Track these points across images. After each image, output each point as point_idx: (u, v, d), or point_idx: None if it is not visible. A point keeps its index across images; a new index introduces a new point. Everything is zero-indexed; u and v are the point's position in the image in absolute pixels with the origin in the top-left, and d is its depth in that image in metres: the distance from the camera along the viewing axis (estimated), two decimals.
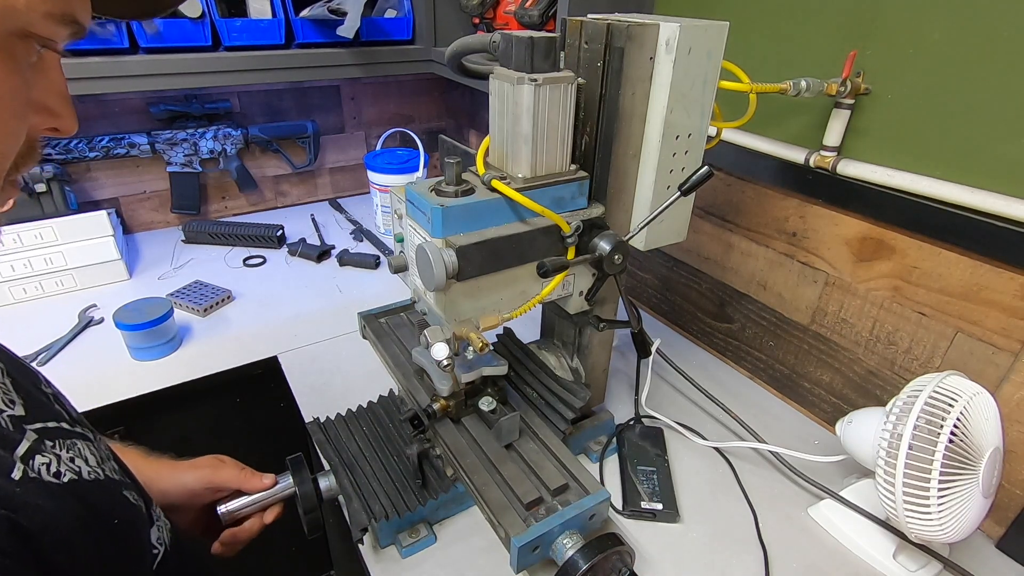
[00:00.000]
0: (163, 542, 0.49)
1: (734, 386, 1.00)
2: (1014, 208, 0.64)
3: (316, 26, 1.31)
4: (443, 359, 0.60)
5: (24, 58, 0.33)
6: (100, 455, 0.45)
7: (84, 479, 0.41)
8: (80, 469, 0.41)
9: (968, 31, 0.66)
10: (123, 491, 0.45)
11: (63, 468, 0.39)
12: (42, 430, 0.40)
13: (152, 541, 0.48)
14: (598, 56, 0.59)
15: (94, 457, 0.43)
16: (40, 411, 0.42)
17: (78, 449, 0.42)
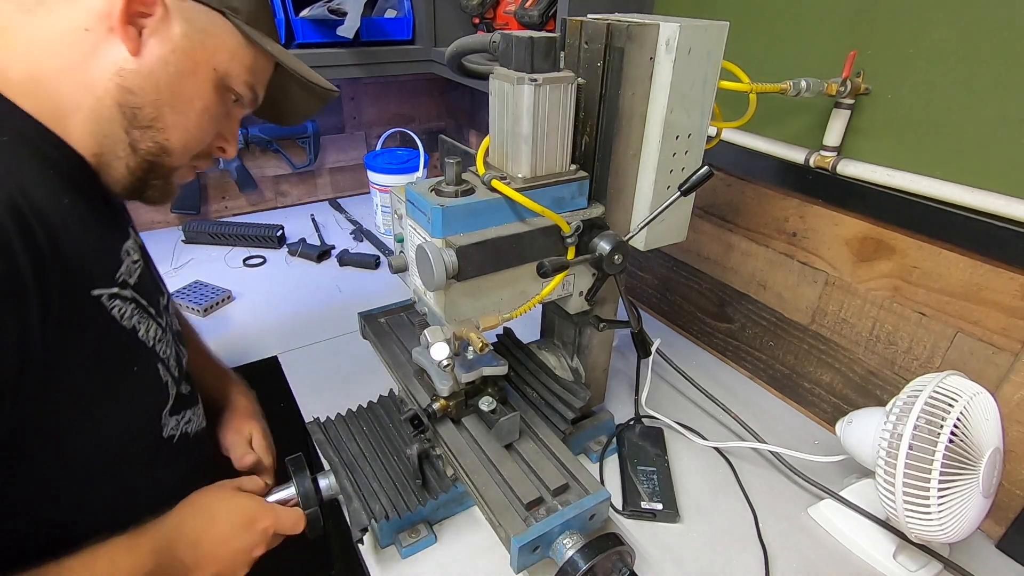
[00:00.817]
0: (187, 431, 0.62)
1: (734, 386, 1.00)
2: (1014, 208, 0.64)
3: (316, 26, 1.31)
4: (443, 359, 0.60)
5: (226, 100, 0.57)
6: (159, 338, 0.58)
7: (136, 334, 0.54)
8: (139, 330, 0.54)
9: (968, 31, 0.66)
10: (158, 364, 0.58)
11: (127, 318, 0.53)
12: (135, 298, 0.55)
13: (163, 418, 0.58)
14: (598, 56, 0.59)
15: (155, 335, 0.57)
16: (144, 293, 0.56)
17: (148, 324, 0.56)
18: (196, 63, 0.52)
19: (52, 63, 0.46)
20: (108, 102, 0.49)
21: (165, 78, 0.50)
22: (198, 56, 0.52)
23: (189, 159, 0.57)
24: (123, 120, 0.50)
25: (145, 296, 0.56)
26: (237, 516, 0.59)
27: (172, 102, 0.51)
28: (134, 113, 0.50)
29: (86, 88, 0.48)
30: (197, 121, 0.54)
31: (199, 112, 0.54)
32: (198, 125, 0.54)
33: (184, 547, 0.55)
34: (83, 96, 0.48)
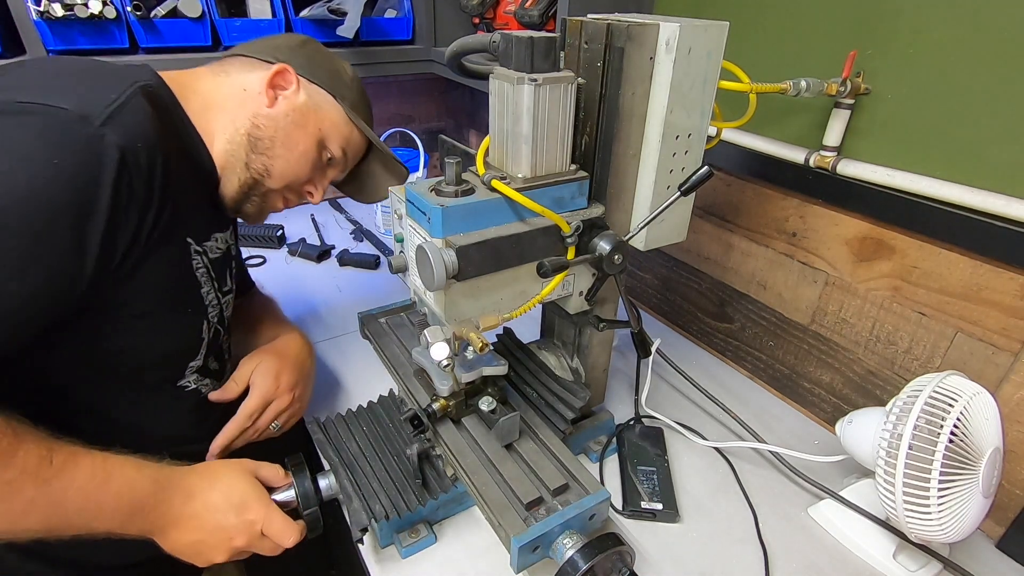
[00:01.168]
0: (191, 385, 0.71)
1: (734, 386, 1.00)
2: (1014, 208, 0.64)
3: (316, 26, 1.31)
4: (443, 359, 0.60)
5: (322, 156, 0.75)
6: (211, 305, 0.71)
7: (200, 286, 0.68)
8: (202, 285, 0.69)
9: (968, 31, 0.66)
10: (203, 320, 0.70)
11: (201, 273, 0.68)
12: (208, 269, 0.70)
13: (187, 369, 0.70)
14: (598, 56, 0.59)
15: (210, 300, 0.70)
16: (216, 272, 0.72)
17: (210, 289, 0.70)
18: (307, 121, 0.72)
19: (219, 104, 0.69)
20: (242, 132, 0.69)
21: (283, 124, 0.70)
22: (309, 117, 0.72)
23: (283, 187, 0.73)
24: (247, 145, 0.69)
25: (216, 272, 0.71)
26: (234, 494, 0.61)
27: (283, 140, 0.70)
28: (256, 142, 0.69)
29: (231, 122, 0.69)
30: (296, 160, 0.72)
31: (299, 154, 0.72)
32: (296, 162, 0.72)
33: (179, 494, 0.59)
34: (228, 127, 0.68)
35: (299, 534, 0.63)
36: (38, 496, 0.49)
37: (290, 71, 0.70)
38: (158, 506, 0.58)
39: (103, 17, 1.09)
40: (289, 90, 0.70)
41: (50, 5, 1.03)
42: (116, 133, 0.51)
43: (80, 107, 0.50)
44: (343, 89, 0.75)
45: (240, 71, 0.70)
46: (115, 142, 0.51)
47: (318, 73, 0.74)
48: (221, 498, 0.61)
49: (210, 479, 0.62)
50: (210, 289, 0.69)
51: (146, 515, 0.57)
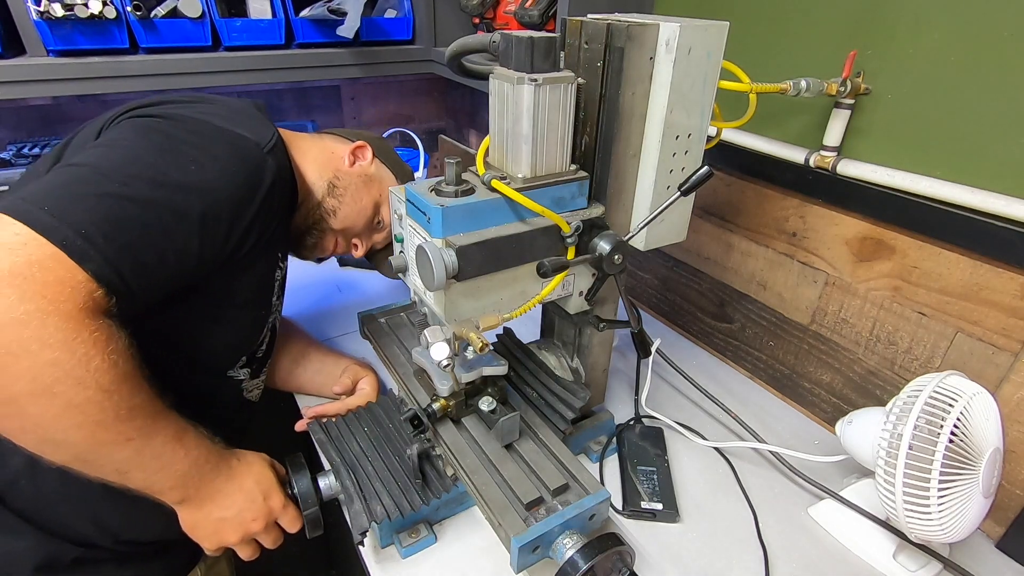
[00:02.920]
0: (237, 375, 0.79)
1: (734, 386, 1.00)
2: (1014, 208, 0.64)
3: (316, 26, 1.31)
4: (443, 359, 0.60)
5: (374, 217, 0.89)
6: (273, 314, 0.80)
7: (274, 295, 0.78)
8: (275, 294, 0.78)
9: (968, 31, 0.66)
10: (265, 324, 0.78)
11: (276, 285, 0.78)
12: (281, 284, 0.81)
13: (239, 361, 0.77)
14: (598, 56, 0.59)
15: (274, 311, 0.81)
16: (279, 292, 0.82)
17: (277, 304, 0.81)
18: (372, 185, 0.88)
19: (313, 157, 0.83)
20: (325, 179, 0.83)
21: (355, 181, 0.86)
22: (374, 183, 0.88)
23: (340, 230, 0.86)
24: (326, 189, 0.83)
25: (283, 284, 0.82)
26: (263, 481, 0.67)
27: (352, 192, 0.85)
28: (333, 187, 0.84)
29: (319, 172, 0.83)
30: (358, 211, 0.86)
31: (361, 208, 0.86)
32: (356, 212, 0.86)
33: (224, 471, 0.64)
34: (315, 173, 0.83)
35: (302, 525, 0.70)
36: (144, 426, 0.55)
37: (368, 147, 0.89)
38: (208, 476, 0.63)
39: (103, 17, 1.09)
40: (365, 161, 0.88)
41: (50, 5, 1.03)
42: (274, 160, 0.66)
43: (254, 137, 0.66)
44: (402, 175, 0.94)
45: (331, 141, 0.89)
46: (272, 167, 0.66)
47: (387, 157, 0.93)
48: (253, 483, 0.66)
49: (247, 464, 0.67)
50: (277, 297, 0.80)
51: (197, 481, 0.62)
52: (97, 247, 0.51)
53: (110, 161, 0.58)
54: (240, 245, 0.64)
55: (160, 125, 0.64)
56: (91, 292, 0.51)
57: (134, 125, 0.64)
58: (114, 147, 0.60)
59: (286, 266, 0.83)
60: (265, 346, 0.82)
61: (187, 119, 0.65)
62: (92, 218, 0.52)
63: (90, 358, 0.50)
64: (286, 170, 0.71)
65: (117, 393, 0.52)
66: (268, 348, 0.83)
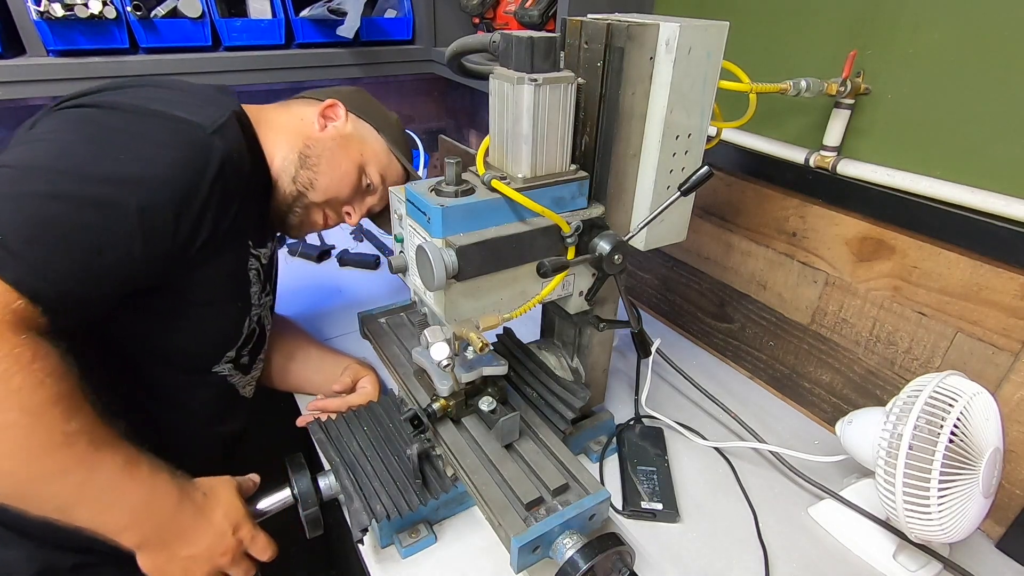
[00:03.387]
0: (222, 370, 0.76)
1: (734, 386, 1.00)
2: (1014, 208, 0.64)
3: (316, 26, 1.31)
4: (443, 359, 0.60)
5: (361, 180, 0.82)
6: (258, 305, 0.78)
7: (251, 286, 0.75)
8: (252, 284, 0.74)
9: (968, 31, 0.66)
10: (247, 316, 0.76)
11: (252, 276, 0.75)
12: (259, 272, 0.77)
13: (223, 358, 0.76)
14: (598, 56, 0.59)
15: (257, 301, 0.77)
16: (264, 278, 0.79)
17: (259, 291, 0.77)
18: (350, 146, 0.80)
19: (280, 129, 0.77)
20: (295, 150, 0.77)
21: (329, 146, 0.79)
22: (352, 143, 0.81)
23: (323, 202, 0.80)
24: (297, 162, 0.77)
25: (264, 276, 0.78)
26: (232, 513, 0.63)
27: (328, 159, 0.78)
28: (305, 159, 0.77)
29: (288, 144, 0.77)
30: (338, 178, 0.79)
31: (342, 174, 0.80)
32: (337, 181, 0.79)
33: (190, 507, 0.60)
34: (284, 147, 0.77)
35: (274, 551, 0.67)
36: (84, 456, 0.50)
37: (339, 105, 0.81)
38: (169, 514, 0.58)
39: (103, 17, 1.09)
40: (338, 121, 0.81)
41: (50, 5, 1.03)
42: (221, 142, 0.61)
43: (197, 118, 0.61)
44: (386, 127, 0.86)
45: (300, 106, 0.81)
46: (220, 148, 0.61)
47: (365, 110, 0.85)
48: (221, 516, 0.62)
49: (215, 497, 0.62)
50: (258, 290, 0.76)
51: (156, 520, 0.57)
52: (16, 253, 0.47)
53: (35, 158, 0.53)
54: (192, 238, 0.59)
55: (92, 115, 0.59)
56: (9, 304, 0.46)
57: (65, 117, 0.59)
58: (40, 142, 0.55)
59: (269, 254, 0.79)
60: (253, 342, 0.79)
61: (121, 106, 0.60)
62: (12, 221, 0.47)
63: (10, 376, 0.45)
64: (241, 150, 0.64)
65: (47, 417, 0.47)
66: (258, 344, 0.81)
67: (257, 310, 0.77)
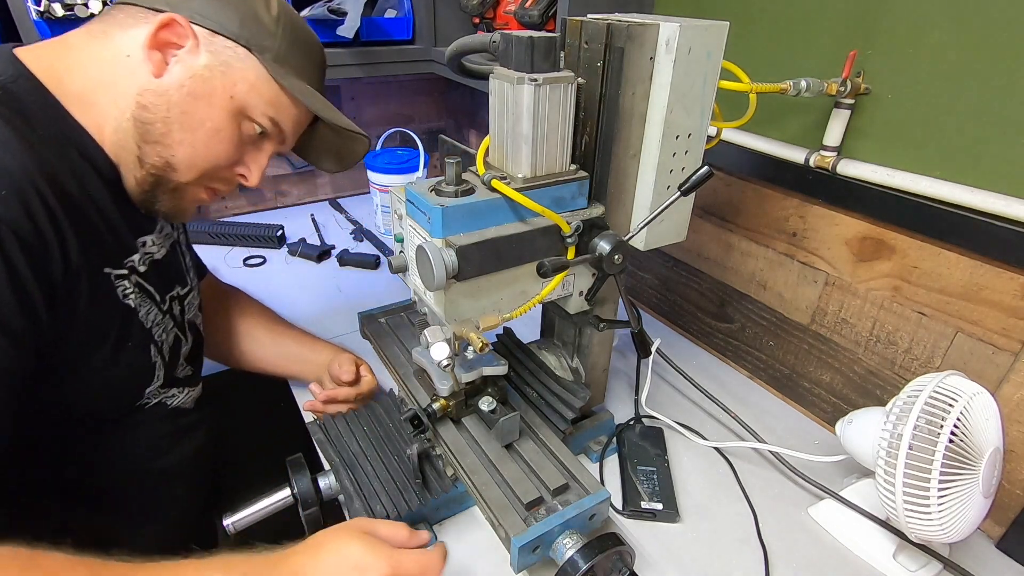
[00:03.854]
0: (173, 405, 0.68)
1: (734, 386, 1.00)
2: (1014, 208, 0.64)
3: (316, 26, 1.31)
4: (443, 359, 0.60)
5: (247, 133, 0.60)
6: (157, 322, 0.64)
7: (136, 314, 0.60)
8: (139, 310, 0.60)
9: (968, 31, 0.66)
10: (151, 344, 0.63)
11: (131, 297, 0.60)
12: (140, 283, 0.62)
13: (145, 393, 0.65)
14: (598, 56, 0.59)
15: (153, 319, 0.63)
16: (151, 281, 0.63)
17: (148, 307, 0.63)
18: (212, 89, 0.56)
19: (100, 80, 0.55)
20: (127, 115, 0.55)
21: (178, 98, 0.55)
22: (215, 84, 0.56)
23: (198, 177, 0.61)
24: (136, 134, 0.56)
25: (153, 283, 0.63)
26: (345, 562, 0.50)
27: (181, 120, 0.56)
28: (146, 129, 0.56)
29: (115, 103, 0.55)
30: (206, 141, 0.58)
31: (208, 133, 0.58)
32: (206, 145, 0.58)
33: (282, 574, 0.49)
34: (112, 110, 0.55)
35: (442, 558, 0.56)
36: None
37: (180, 22, 0.53)
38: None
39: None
40: (183, 49, 0.54)
41: (51, 5, 1.03)
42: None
43: None
44: (263, 36, 0.58)
45: (122, 29, 0.54)
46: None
47: (225, 16, 0.56)
48: (334, 564, 0.50)
49: (315, 551, 0.51)
50: (151, 308, 0.62)
51: None
52: None
53: None
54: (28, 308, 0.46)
55: None
56: None
57: None
58: None
59: (156, 248, 0.64)
60: (186, 353, 0.69)
61: None
62: None
63: None
64: (15, 175, 0.46)
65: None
66: (194, 350, 0.70)
67: (162, 328, 0.64)
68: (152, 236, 0.65)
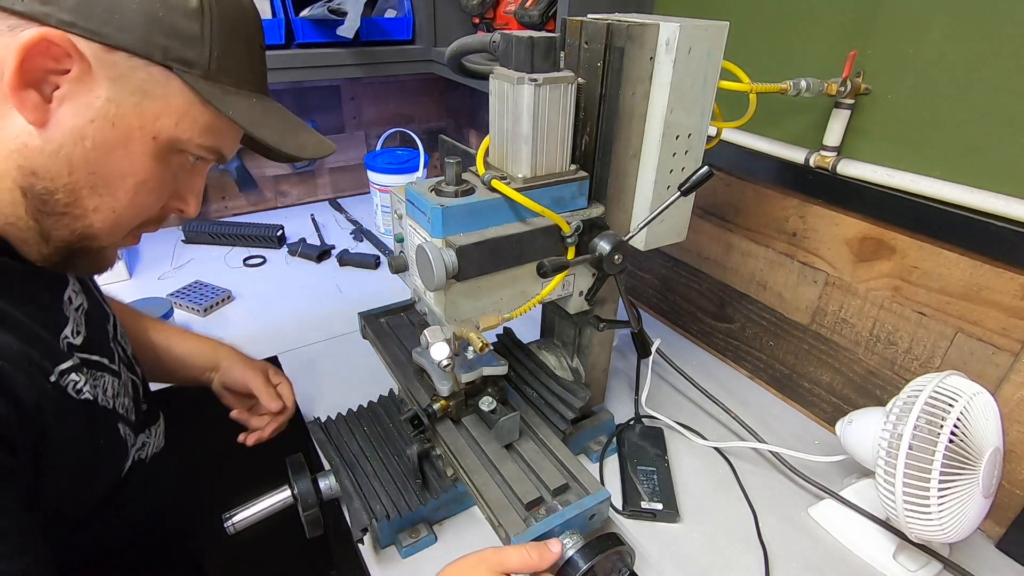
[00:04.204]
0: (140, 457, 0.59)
1: (734, 386, 1.00)
2: (1014, 208, 0.64)
3: (316, 26, 1.31)
4: (443, 359, 0.60)
5: (179, 165, 0.48)
6: (117, 391, 0.55)
7: (97, 403, 0.51)
8: (97, 396, 0.51)
9: (968, 31, 0.66)
10: (119, 423, 0.55)
11: (86, 389, 0.49)
12: (86, 359, 0.51)
13: (121, 466, 0.56)
14: (598, 56, 0.59)
15: (112, 390, 0.54)
16: (94, 345, 0.53)
17: (104, 381, 0.53)
18: (126, 134, 0.42)
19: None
20: (8, 184, 0.40)
21: (81, 155, 0.41)
22: (129, 124, 0.41)
23: (126, 235, 0.49)
24: (29, 207, 0.41)
25: (95, 346, 0.52)
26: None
27: (92, 183, 0.42)
28: (42, 200, 0.41)
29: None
30: (130, 200, 0.45)
31: (132, 189, 0.44)
32: (132, 203, 0.45)
33: None
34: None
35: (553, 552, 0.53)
36: None
37: (55, 40, 0.37)
38: None
39: None
40: (68, 76, 0.39)
41: None
42: None
43: None
44: (185, 45, 0.42)
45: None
46: None
47: (123, 18, 0.39)
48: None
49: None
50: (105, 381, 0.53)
51: None
52: None
53: None
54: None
55: None
56: None
57: None
58: None
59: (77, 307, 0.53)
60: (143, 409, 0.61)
61: None
62: None
63: None
64: None
65: None
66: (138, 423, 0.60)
67: (121, 395, 0.56)
68: (71, 286, 0.53)
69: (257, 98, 0.51)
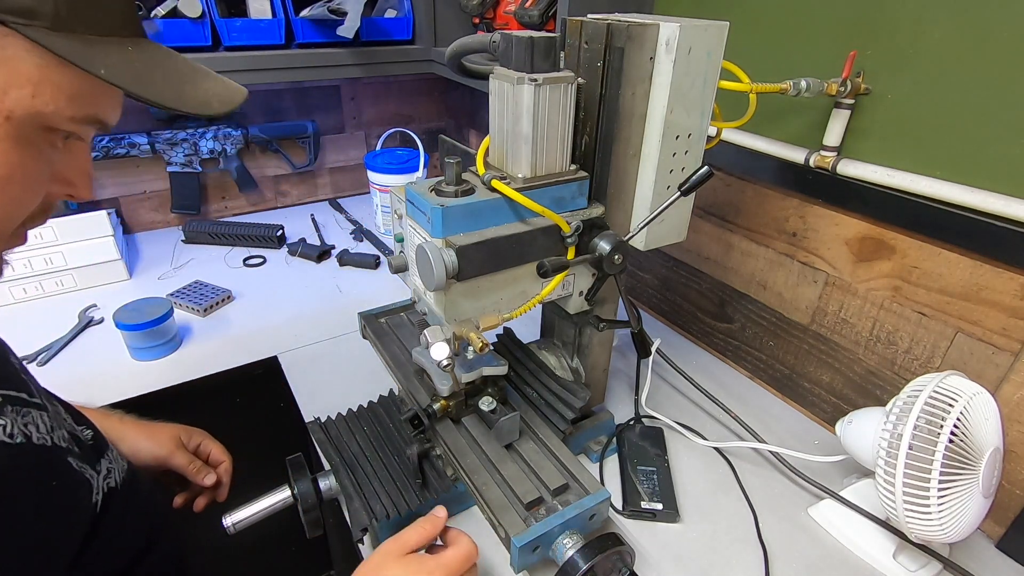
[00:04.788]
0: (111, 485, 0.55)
1: (734, 386, 1.00)
2: (1014, 208, 0.64)
3: (316, 26, 1.31)
4: (443, 359, 0.60)
5: (48, 146, 0.39)
6: (51, 424, 0.49)
7: (33, 443, 0.45)
8: (31, 434, 0.45)
9: (968, 31, 0.66)
10: (67, 458, 0.49)
11: (16, 431, 0.43)
12: (5, 396, 0.44)
13: (93, 498, 0.52)
14: (598, 56, 0.59)
15: (45, 426, 0.48)
16: (5, 381, 0.46)
17: (32, 417, 0.46)
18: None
19: None
20: None
21: None
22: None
23: (7, 238, 0.42)
24: None
25: (4, 381, 0.46)
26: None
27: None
28: None
29: None
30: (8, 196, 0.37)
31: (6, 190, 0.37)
32: (0, 204, 0.38)
33: None
34: None
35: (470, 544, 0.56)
36: None
37: None
38: None
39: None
40: None
41: None
42: None
43: None
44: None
45: None
46: None
47: None
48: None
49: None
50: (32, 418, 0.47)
51: None
52: None
53: None
54: None
55: None
56: None
57: None
58: None
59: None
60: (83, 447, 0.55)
61: None
62: None
63: None
64: None
65: None
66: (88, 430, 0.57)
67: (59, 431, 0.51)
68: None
69: (133, 44, 0.40)
